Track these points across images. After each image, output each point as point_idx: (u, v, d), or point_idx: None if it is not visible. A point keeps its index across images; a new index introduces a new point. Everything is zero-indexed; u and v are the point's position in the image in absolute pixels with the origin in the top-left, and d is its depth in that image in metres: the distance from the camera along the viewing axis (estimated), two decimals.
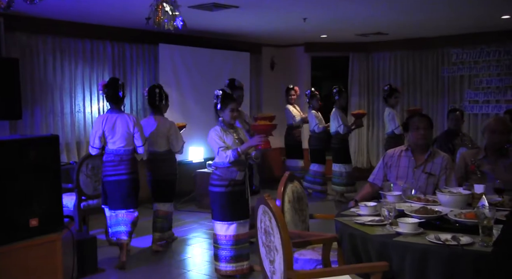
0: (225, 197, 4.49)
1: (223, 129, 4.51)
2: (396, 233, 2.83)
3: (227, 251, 4.52)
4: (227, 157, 4.37)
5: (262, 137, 4.37)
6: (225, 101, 4.51)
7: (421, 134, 3.97)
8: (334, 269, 2.99)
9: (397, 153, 4.08)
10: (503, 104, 8.63)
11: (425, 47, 9.37)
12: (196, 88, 8.45)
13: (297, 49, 10.16)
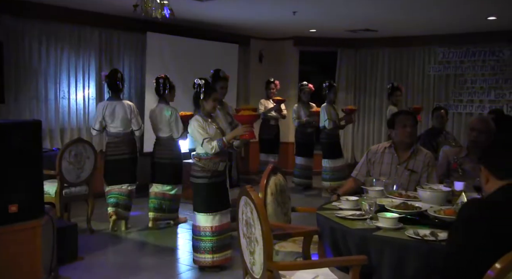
0: (208, 188, 4.48)
1: (204, 119, 4.48)
2: (376, 228, 2.85)
3: (211, 242, 4.50)
4: (213, 148, 4.34)
5: (247, 127, 4.37)
6: (208, 91, 4.49)
7: (408, 132, 3.99)
8: (313, 262, 3.01)
9: (380, 149, 4.11)
10: (486, 104, 8.73)
11: (412, 45, 9.44)
12: (183, 78, 8.38)
13: (286, 42, 10.15)
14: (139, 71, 8.04)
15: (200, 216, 4.54)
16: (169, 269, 4.80)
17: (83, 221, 5.82)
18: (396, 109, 7.54)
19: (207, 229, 4.50)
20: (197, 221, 4.57)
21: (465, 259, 1.96)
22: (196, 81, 4.58)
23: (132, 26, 7.72)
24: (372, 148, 4.22)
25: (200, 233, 4.53)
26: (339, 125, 8.05)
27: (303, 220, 4.60)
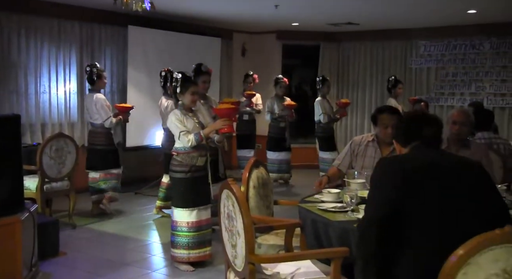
0: (186, 183, 4.40)
1: (182, 113, 4.41)
2: (357, 220, 2.86)
3: (189, 238, 4.42)
4: (189, 141, 4.28)
5: (225, 120, 4.31)
6: (185, 84, 4.42)
7: (389, 133, 3.95)
8: (295, 254, 3.02)
9: (364, 142, 4.11)
10: (467, 97, 8.83)
11: (394, 39, 9.49)
12: None
13: (269, 36, 10.13)
14: (121, 65, 7.98)
15: (177, 211, 4.46)
16: (151, 263, 4.79)
17: (65, 216, 5.77)
18: (394, 101, 7.56)
19: (183, 225, 4.42)
20: (174, 216, 4.49)
21: (380, 198, 2.31)
22: (174, 74, 4.53)
23: (113, 19, 7.65)
24: (356, 139, 4.21)
25: (177, 228, 4.46)
26: (334, 119, 8.05)
27: (286, 213, 4.62)
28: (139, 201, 7.18)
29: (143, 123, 8.03)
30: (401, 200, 2.19)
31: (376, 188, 2.36)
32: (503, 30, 8.41)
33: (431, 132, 2.50)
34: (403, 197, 2.18)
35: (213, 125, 4.41)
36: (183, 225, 4.44)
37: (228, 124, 4.32)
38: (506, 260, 1.80)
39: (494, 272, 1.81)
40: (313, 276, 2.79)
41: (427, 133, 2.49)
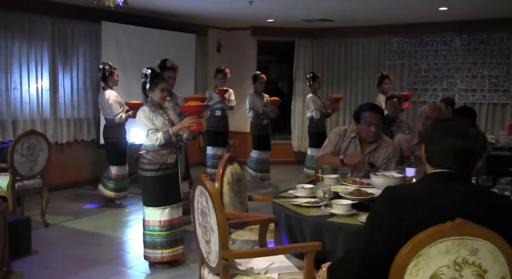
0: (157, 181, 4.34)
1: (151, 110, 4.34)
2: (330, 214, 2.90)
3: (161, 237, 4.38)
4: (158, 139, 4.21)
5: (194, 118, 4.26)
6: (155, 80, 4.34)
7: (372, 131, 3.99)
8: (268, 249, 3.04)
9: (347, 139, 4.14)
10: (439, 92, 8.98)
11: (368, 35, 9.58)
12: (140, 68, 8.17)
13: (244, 32, 10.14)
14: (95, 61, 7.87)
15: (148, 210, 4.40)
16: (125, 261, 4.77)
17: (37, 214, 5.70)
18: (383, 97, 7.57)
19: (156, 224, 4.37)
20: (145, 215, 4.44)
21: (376, 239, 1.98)
22: (143, 70, 4.45)
23: (86, 15, 7.55)
24: (341, 130, 4.22)
25: (149, 228, 4.40)
26: (325, 114, 8.04)
27: (261, 209, 4.65)
28: None
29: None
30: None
31: (371, 225, 2.06)
32: (473, 27, 8.57)
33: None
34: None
35: (182, 122, 4.34)
36: (155, 224, 4.38)
37: (196, 121, 4.27)
38: (457, 252, 1.82)
39: (444, 264, 1.83)
40: (287, 270, 2.82)
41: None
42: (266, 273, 2.77)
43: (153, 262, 4.48)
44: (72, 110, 7.64)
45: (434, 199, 1.94)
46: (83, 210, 6.46)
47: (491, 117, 8.65)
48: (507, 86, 8.46)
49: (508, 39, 8.38)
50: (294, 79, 10.21)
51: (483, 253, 1.85)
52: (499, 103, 8.57)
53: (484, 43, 8.59)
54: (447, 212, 1.87)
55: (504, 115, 8.53)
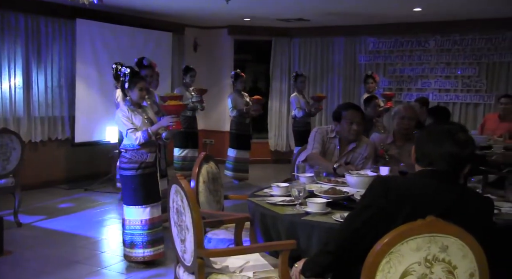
0: (137, 180, 4.33)
1: (130, 109, 4.32)
2: (305, 213, 2.92)
3: (143, 236, 4.36)
4: (137, 138, 4.20)
5: (173, 117, 4.25)
6: (134, 79, 4.32)
7: (354, 130, 4.02)
8: (243, 248, 3.05)
9: (328, 139, 4.18)
10: (414, 92, 9.10)
11: (344, 35, 9.66)
12: None
13: (221, 31, 10.14)
14: (69, 59, 7.78)
15: (129, 209, 4.39)
16: (101, 260, 4.73)
17: (10, 214, 5.61)
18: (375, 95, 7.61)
19: (137, 223, 4.36)
20: (126, 214, 4.42)
21: (356, 225, 2.09)
22: (122, 69, 4.43)
23: (61, 12, 7.46)
24: (323, 130, 4.24)
25: (130, 227, 4.39)
26: (309, 113, 8.03)
27: (238, 208, 4.65)
28: (89, 197, 7.06)
29: (92, 118, 7.90)
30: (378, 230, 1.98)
31: (359, 211, 2.15)
32: (447, 28, 8.71)
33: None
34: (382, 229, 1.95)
35: (161, 122, 4.33)
36: (136, 223, 4.36)
37: (176, 121, 4.26)
38: (428, 249, 1.87)
39: (416, 261, 1.87)
40: (262, 269, 2.83)
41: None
42: (241, 272, 2.79)
43: (134, 262, 4.45)
44: (46, 108, 7.53)
45: (422, 195, 2.04)
46: (57, 209, 6.39)
47: (464, 116, 8.81)
48: (479, 86, 8.63)
49: (480, 40, 8.54)
50: (271, 78, 10.24)
51: (452, 250, 1.89)
52: (472, 103, 8.73)
53: (457, 44, 8.74)
54: (430, 208, 1.95)
55: (476, 114, 8.70)
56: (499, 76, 8.51)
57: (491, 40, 8.45)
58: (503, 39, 8.36)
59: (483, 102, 8.61)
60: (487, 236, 2.01)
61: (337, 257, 2.15)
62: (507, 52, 8.36)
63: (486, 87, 8.59)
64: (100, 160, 7.98)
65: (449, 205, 2.01)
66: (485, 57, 8.55)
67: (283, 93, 10.19)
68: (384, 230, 1.90)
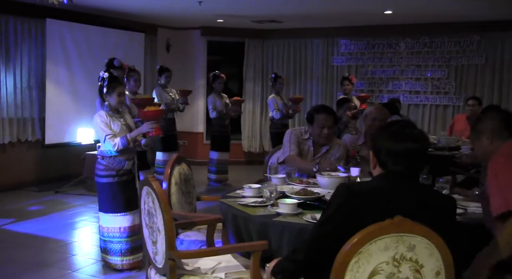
0: (115, 187, 4.25)
1: (108, 115, 4.25)
2: (276, 214, 2.94)
3: (121, 244, 4.29)
4: (116, 145, 4.12)
5: (153, 123, 4.20)
6: (112, 84, 4.24)
7: (325, 134, 4.07)
8: (215, 249, 3.05)
9: (301, 140, 4.21)
10: (385, 94, 9.23)
11: (317, 37, 9.74)
12: (87, 67, 8.14)
13: (194, 32, 10.12)
14: (40, 59, 7.65)
15: (106, 216, 4.31)
16: (72, 263, 4.67)
17: None
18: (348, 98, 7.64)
19: (115, 230, 4.27)
20: (102, 221, 4.34)
21: (324, 233, 2.09)
22: (101, 74, 4.34)
23: (30, 11, 7.34)
24: (298, 132, 4.27)
25: (108, 234, 4.31)
26: (287, 115, 8.00)
27: (211, 210, 4.65)
28: (60, 200, 6.97)
29: (63, 119, 7.79)
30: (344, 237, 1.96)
31: (324, 222, 2.15)
32: (417, 31, 8.86)
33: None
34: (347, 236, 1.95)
35: (140, 128, 4.26)
36: (115, 231, 4.27)
37: (156, 127, 4.21)
38: (395, 249, 1.91)
39: (384, 260, 1.91)
40: (234, 269, 2.84)
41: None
42: (213, 273, 2.79)
43: (113, 269, 4.38)
44: (15, 110, 7.39)
45: (384, 198, 2.06)
46: (26, 212, 6.29)
47: (434, 118, 8.98)
48: (448, 88, 8.80)
49: (449, 43, 8.71)
50: (244, 80, 10.26)
51: (419, 249, 1.94)
52: (441, 105, 8.90)
53: (427, 46, 8.90)
54: (394, 209, 1.96)
55: (445, 116, 8.87)
56: (467, 79, 8.69)
57: (459, 43, 8.63)
58: (471, 42, 8.55)
59: (452, 103, 8.78)
60: (451, 234, 2.06)
61: (305, 265, 2.16)
62: (475, 55, 8.55)
63: (455, 89, 8.76)
64: (72, 161, 7.87)
65: (414, 205, 2.04)
66: (454, 60, 8.73)
67: (256, 95, 10.22)
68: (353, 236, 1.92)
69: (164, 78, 7.46)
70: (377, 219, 1.92)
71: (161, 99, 7.26)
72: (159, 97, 7.31)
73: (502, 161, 2.56)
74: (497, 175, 2.51)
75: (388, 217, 1.91)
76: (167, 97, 7.40)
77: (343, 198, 2.07)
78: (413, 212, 1.97)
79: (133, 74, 6.18)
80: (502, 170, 2.52)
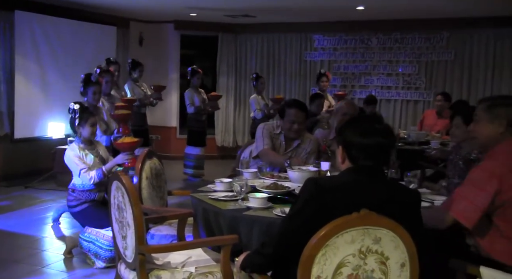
0: (90, 211, 4.26)
1: (81, 148, 4.23)
2: (247, 208, 2.96)
3: (107, 252, 4.17)
4: (92, 178, 4.12)
5: (128, 154, 4.17)
6: (84, 115, 4.20)
7: (295, 129, 4.10)
8: (185, 243, 3.07)
9: (273, 135, 4.23)
10: (357, 89, 9.33)
11: (290, 32, 9.77)
12: (57, 60, 8.02)
13: (167, 26, 10.04)
14: (8, 52, 7.50)
15: (96, 230, 4.24)
16: (42, 259, 4.62)
17: None
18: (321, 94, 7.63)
19: (107, 238, 4.14)
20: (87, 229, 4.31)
21: (292, 227, 2.10)
22: (70, 106, 4.28)
23: None
24: (270, 126, 4.29)
25: (90, 237, 4.21)
26: (268, 115, 7.93)
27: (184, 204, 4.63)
28: (29, 195, 6.87)
29: (33, 113, 7.67)
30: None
31: (292, 217, 2.16)
32: (388, 27, 8.97)
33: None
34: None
35: (115, 160, 4.23)
36: (106, 238, 4.13)
37: (131, 158, 4.19)
38: (362, 241, 1.94)
39: (350, 253, 1.94)
40: (204, 263, 2.86)
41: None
42: (183, 267, 2.80)
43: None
44: None
45: (354, 192, 2.08)
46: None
47: (405, 113, 9.11)
48: (419, 83, 8.94)
49: (419, 39, 8.84)
50: (217, 74, 10.24)
51: (385, 242, 1.97)
52: (412, 100, 9.04)
53: (398, 42, 9.01)
54: (362, 203, 1.98)
55: (416, 111, 9.01)
56: (437, 74, 8.84)
57: (429, 40, 8.77)
58: (440, 38, 8.69)
59: (422, 99, 8.93)
60: (416, 227, 2.10)
61: (273, 259, 2.18)
62: (444, 51, 8.70)
63: (425, 84, 8.90)
64: (42, 156, 7.75)
65: (379, 198, 2.07)
66: (424, 56, 8.86)
67: (230, 89, 10.21)
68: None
69: (138, 72, 7.42)
70: (345, 213, 1.94)
71: (133, 94, 7.24)
72: (131, 91, 7.30)
73: (486, 176, 2.49)
74: (473, 181, 2.51)
75: (355, 210, 1.94)
76: (139, 92, 7.35)
77: (311, 192, 2.09)
78: (379, 205, 2.01)
79: (105, 75, 6.12)
80: (476, 180, 2.51)
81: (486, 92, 8.31)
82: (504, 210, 2.46)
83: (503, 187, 2.43)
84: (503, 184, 2.43)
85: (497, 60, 8.42)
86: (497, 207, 2.47)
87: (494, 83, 8.43)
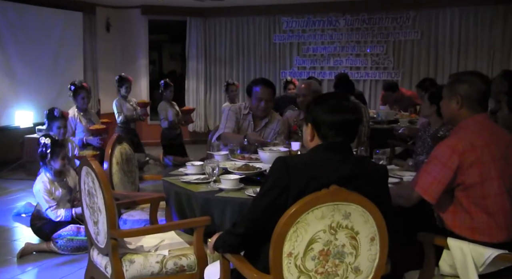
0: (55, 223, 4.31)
1: (51, 182, 4.27)
2: (219, 189, 2.97)
3: (77, 242, 4.22)
4: (59, 217, 4.23)
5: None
6: (56, 149, 4.24)
7: (262, 107, 4.09)
8: (156, 227, 3.06)
9: (241, 116, 4.22)
10: (327, 70, 9.38)
11: (258, 14, 9.74)
12: (22, 48, 7.84)
13: (134, 11, 9.89)
14: None
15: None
16: (11, 250, 4.54)
17: None
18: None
19: (72, 228, 4.25)
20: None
21: (263, 206, 2.10)
22: (40, 139, 4.30)
23: None
24: (236, 108, 4.27)
25: (61, 234, 4.25)
26: None
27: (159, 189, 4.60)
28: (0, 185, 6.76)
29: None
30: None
31: (262, 195, 2.15)
32: (356, 8, 9.03)
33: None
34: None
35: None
36: (72, 229, 4.23)
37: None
38: (332, 217, 1.97)
39: (321, 229, 1.97)
40: (177, 246, 2.86)
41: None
42: (156, 250, 2.80)
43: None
44: None
45: (323, 168, 2.08)
46: None
47: (374, 93, 9.21)
48: (387, 63, 9.05)
49: (387, 19, 8.92)
50: (187, 58, 10.16)
51: (354, 217, 2.01)
52: (380, 80, 9.13)
53: (365, 23, 9.07)
54: (331, 179, 2.00)
55: None
56: (404, 54, 8.95)
57: (396, 19, 8.86)
58: (407, 18, 8.79)
59: (390, 78, 9.02)
60: (384, 201, 2.14)
61: (245, 238, 2.19)
62: (411, 31, 8.81)
63: (393, 64, 9.01)
64: (10, 146, 7.60)
65: (348, 174, 2.10)
66: (391, 36, 8.96)
67: (200, 73, 10.15)
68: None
69: (125, 89, 7.11)
70: (315, 190, 1.96)
71: (121, 111, 7.02)
72: (119, 108, 7.03)
73: (448, 152, 2.51)
74: (437, 157, 2.54)
75: (325, 187, 1.97)
76: (127, 108, 7.10)
77: (280, 171, 2.10)
78: (348, 181, 2.04)
79: (81, 91, 5.99)
80: (440, 156, 2.53)
81: (452, 70, 8.45)
82: (466, 188, 2.51)
83: (464, 163, 2.48)
84: (464, 160, 2.48)
85: (462, 38, 8.56)
86: (458, 183, 2.52)
87: (460, 61, 8.59)
